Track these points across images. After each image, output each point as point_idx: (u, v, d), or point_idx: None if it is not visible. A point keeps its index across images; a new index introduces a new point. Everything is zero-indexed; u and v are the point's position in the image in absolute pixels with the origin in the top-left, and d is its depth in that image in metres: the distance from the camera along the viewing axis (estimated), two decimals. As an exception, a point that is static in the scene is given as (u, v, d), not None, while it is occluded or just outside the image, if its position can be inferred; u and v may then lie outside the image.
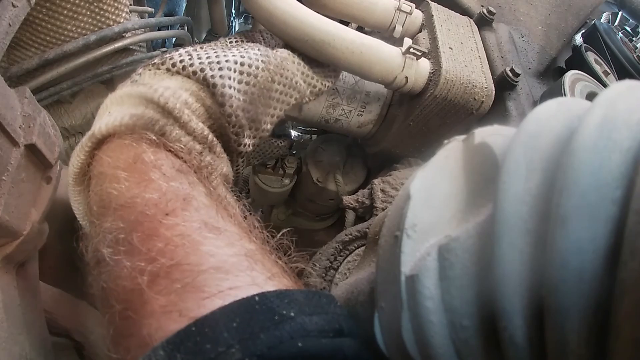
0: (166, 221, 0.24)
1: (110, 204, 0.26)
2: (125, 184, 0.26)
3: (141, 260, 0.23)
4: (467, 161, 0.21)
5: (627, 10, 0.85)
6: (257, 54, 0.38)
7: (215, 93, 0.34)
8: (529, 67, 0.64)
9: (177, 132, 0.31)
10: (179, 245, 0.23)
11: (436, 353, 0.18)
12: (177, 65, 0.34)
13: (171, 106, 0.31)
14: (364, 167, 0.70)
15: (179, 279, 0.22)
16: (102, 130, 0.30)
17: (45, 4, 0.47)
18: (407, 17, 0.55)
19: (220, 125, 0.35)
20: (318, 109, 0.56)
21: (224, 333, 0.19)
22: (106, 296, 0.24)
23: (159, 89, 0.31)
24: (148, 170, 0.27)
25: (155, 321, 0.21)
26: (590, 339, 0.14)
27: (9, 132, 0.29)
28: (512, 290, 0.15)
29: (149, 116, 0.30)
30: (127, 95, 0.32)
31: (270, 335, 0.19)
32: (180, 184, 0.27)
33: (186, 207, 0.25)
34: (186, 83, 0.34)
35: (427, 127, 0.53)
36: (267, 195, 0.71)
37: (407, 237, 0.19)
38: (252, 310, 0.20)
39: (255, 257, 0.24)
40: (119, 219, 0.25)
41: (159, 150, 0.30)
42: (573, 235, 0.14)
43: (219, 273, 0.22)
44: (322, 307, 0.22)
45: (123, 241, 0.24)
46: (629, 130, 0.15)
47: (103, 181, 0.28)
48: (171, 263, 0.22)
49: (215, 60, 0.35)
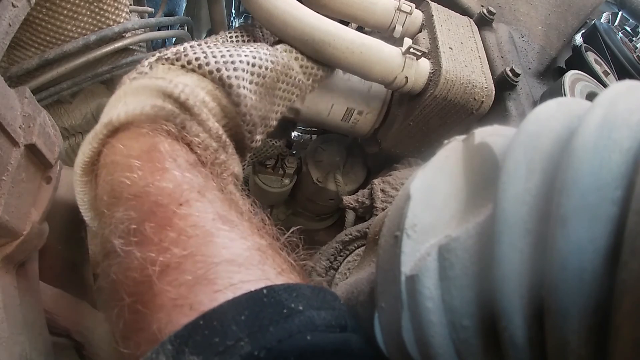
0: (180, 211, 0.24)
1: (122, 193, 0.26)
2: (138, 173, 0.26)
3: (152, 251, 0.22)
4: (467, 161, 0.21)
5: (627, 10, 0.85)
6: (266, 54, 0.39)
7: (232, 93, 0.34)
8: (529, 67, 0.64)
9: (196, 127, 0.31)
10: (192, 236, 0.23)
11: (436, 353, 0.18)
12: (192, 62, 0.34)
13: (191, 103, 0.31)
14: (364, 167, 0.70)
15: (190, 270, 0.21)
16: (121, 118, 0.29)
17: (45, 4, 0.47)
18: (407, 17, 0.55)
19: (235, 124, 0.36)
20: (317, 109, 0.56)
21: (233, 326, 0.18)
22: (116, 289, 0.23)
23: (178, 85, 0.31)
24: (163, 160, 0.27)
25: (165, 315, 0.20)
26: (590, 339, 0.14)
27: (9, 132, 0.29)
28: (512, 290, 0.15)
29: (169, 108, 0.31)
30: (144, 87, 0.32)
31: (279, 328, 0.19)
32: (195, 176, 0.27)
33: (200, 199, 0.25)
34: (202, 82, 0.34)
35: (427, 127, 0.52)
36: (267, 195, 0.71)
37: (407, 237, 0.19)
38: (260, 304, 0.19)
39: (267, 252, 0.24)
40: (132, 208, 0.25)
41: (176, 142, 0.29)
42: (573, 236, 0.14)
43: (232, 266, 0.22)
44: (328, 303, 0.22)
45: (135, 231, 0.24)
46: (629, 130, 0.15)
47: (115, 170, 0.27)
48: (183, 254, 0.22)
49: (230, 60, 0.35)
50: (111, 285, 0.24)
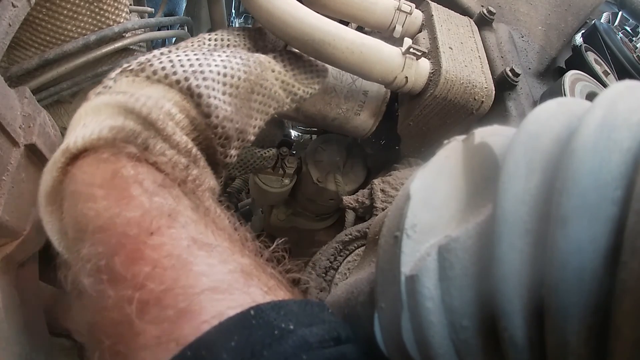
0: (151, 241, 0.22)
1: (86, 226, 0.24)
2: (102, 203, 0.24)
3: (127, 288, 0.21)
4: (467, 161, 0.21)
5: (627, 10, 0.85)
6: (239, 64, 0.36)
7: (201, 103, 0.32)
8: (529, 67, 0.64)
9: (161, 145, 0.29)
10: (168, 267, 0.21)
11: (436, 353, 0.18)
12: (158, 73, 0.32)
13: (154, 117, 0.29)
14: (364, 167, 0.70)
15: (171, 304, 0.20)
16: (78, 144, 0.27)
17: (45, 4, 0.47)
18: (407, 17, 0.55)
19: (205, 137, 0.33)
20: (316, 108, 0.56)
21: (223, 354, 0.18)
22: (93, 331, 0.22)
23: (140, 98, 0.29)
24: (128, 186, 0.25)
25: (150, 354, 0.19)
26: (590, 339, 0.14)
27: (9, 132, 0.29)
28: (512, 290, 0.15)
29: (130, 128, 0.28)
30: (104, 104, 0.29)
31: (273, 352, 0.18)
32: (164, 198, 0.25)
33: (172, 224, 0.24)
34: (169, 92, 0.31)
35: (427, 127, 0.52)
36: (267, 195, 0.71)
37: (407, 237, 0.19)
38: (249, 326, 0.19)
39: (252, 273, 0.23)
40: (98, 243, 0.23)
41: (140, 164, 0.27)
42: (573, 236, 0.14)
43: (216, 294, 0.21)
44: (317, 317, 0.21)
45: (105, 268, 0.22)
46: (629, 130, 0.15)
47: (77, 201, 0.25)
48: (162, 288, 0.21)
49: (199, 69, 0.33)
50: (88, 328, 0.22)
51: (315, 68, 0.45)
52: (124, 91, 0.30)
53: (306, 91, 0.44)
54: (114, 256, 0.22)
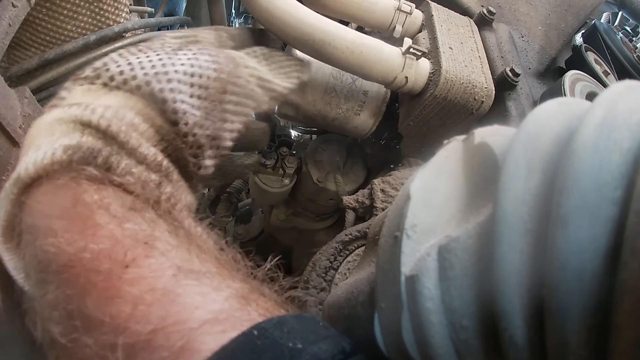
0: (128, 275, 0.20)
1: (49, 266, 0.21)
2: (64, 237, 0.21)
3: (107, 333, 0.18)
4: (467, 161, 0.21)
5: (627, 10, 0.85)
6: (207, 61, 0.32)
7: (167, 110, 0.28)
8: (529, 67, 0.64)
9: (127, 162, 0.25)
10: (153, 303, 0.19)
11: (436, 353, 0.18)
12: (116, 78, 0.28)
13: (115, 130, 0.25)
14: (364, 167, 0.70)
15: (166, 345, 0.18)
16: (30, 172, 0.23)
17: (45, 4, 0.47)
18: (407, 17, 0.55)
19: (175, 147, 0.29)
20: (316, 108, 0.56)
21: None
22: None
23: (97, 109, 0.25)
24: (92, 214, 0.22)
25: None
26: (591, 339, 0.14)
27: (9, 132, 0.29)
28: (512, 290, 0.15)
29: (87, 146, 0.24)
30: (57, 120, 0.25)
31: None
32: (137, 224, 0.22)
33: (150, 253, 0.21)
34: (129, 100, 0.28)
35: (427, 127, 0.53)
36: (267, 195, 0.71)
37: (407, 238, 0.19)
38: (256, 349, 0.17)
39: (249, 297, 0.21)
40: (65, 284, 0.20)
41: (104, 187, 0.24)
42: (573, 236, 0.14)
43: (215, 325, 0.18)
44: (318, 332, 0.20)
45: (76, 313, 0.19)
46: (629, 131, 0.15)
47: (36, 237, 0.22)
48: (149, 328, 0.18)
49: (162, 71, 0.29)
50: None
51: (293, 61, 0.42)
52: (79, 102, 0.27)
53: (285, 86, 0.40)
54: (84, 297, 0.19)
